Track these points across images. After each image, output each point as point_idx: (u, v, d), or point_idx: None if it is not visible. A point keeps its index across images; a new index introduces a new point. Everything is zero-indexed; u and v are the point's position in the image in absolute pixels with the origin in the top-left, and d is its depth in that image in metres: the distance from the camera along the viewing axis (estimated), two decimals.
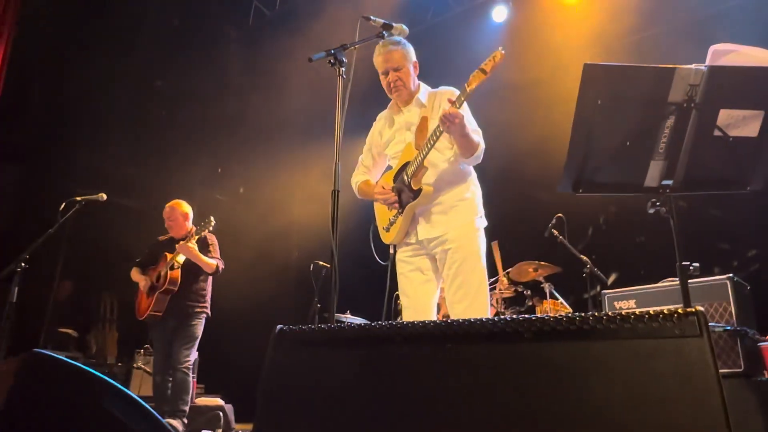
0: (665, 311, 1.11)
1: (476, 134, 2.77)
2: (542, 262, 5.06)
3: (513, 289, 5.04)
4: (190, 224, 4.88)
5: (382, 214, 3.08)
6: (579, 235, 6.08)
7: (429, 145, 2.73)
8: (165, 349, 4.51)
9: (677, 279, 2.09)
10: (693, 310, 1.09)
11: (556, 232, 4.81)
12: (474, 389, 1.17)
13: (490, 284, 5.08)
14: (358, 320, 5.64)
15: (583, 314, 1.16)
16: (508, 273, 5.17)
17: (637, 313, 1.12)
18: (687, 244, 2.10)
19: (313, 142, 7.03)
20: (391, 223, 2.98)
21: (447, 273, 2.79)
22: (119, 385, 1.73)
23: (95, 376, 1.74)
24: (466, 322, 1.23)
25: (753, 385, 3.13)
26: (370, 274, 7.03)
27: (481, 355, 1.20)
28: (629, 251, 5.85)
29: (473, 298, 2.71)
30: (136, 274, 4.77)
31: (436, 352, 1.23)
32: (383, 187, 2.98)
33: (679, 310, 1.10)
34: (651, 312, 1.12)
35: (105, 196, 4.47)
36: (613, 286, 5.47)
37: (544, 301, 4.99)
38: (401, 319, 4.79)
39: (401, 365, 1.25)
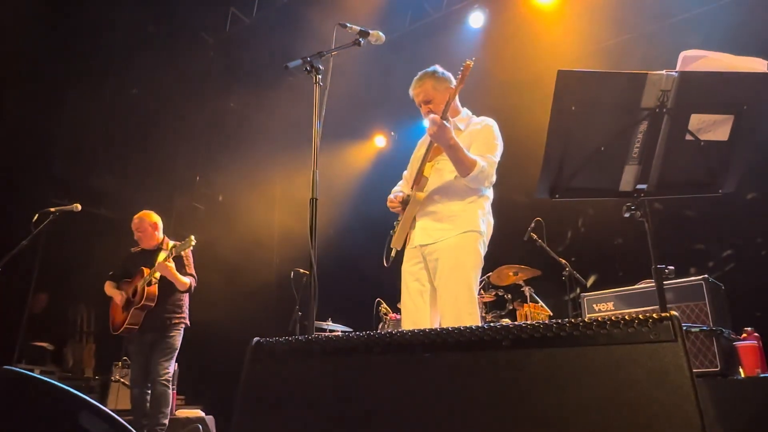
0: (640, 317, 1.12)
1: (480, 156, 2.83)
2: (522, 266, 5.10)
3: (494, 293, 5.06)
4: (160, 234, 4.80)
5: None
6: (558, 239, 6.14)
7: (428, 155, 2.89)
8: (143, 361, 4.41)
9: (653, 282, 2.12)
10: (668, 315, 1.10)
11: (535, 236, 4.86)
12: (452, 397, 1.17)
13: None
14: (340, 327, 5.62)
15: (559, 321, 1.16)
16: (488, 276, 5.20)
17: (612, 318, 1.13)
18: (663, 245, 2.13)
19: (293, 148, 7.01)
20: (394, 228, 3.11)
21: (437, 283, 2.83)
22: (94, 402, 1.70)
23: (69, 393, 1.69)
24: (444, 330, 1.23)
25: (729, 384, 3.18)
26: (352, 281, 7.04)
27: (460, 363, 1.19)
28: (607, 253, 5.91)
29: (460, 311, 2.70)
30: (110, 289, 4.65)
31: (414, 362, 1.22)
32: (395, 196, 3.12)
33: (654, 316, 1.11)
34: (626, 317, 1.13)
35: (80, 207, 4.39)
36: (593, 287, 5.53)
37: (525, 304, 5.02)
38: (383, 325, 4.79)
39: (380, 375, 1.24)
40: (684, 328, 3.35)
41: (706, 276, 3.47)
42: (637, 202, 2.05)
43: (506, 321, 5.03)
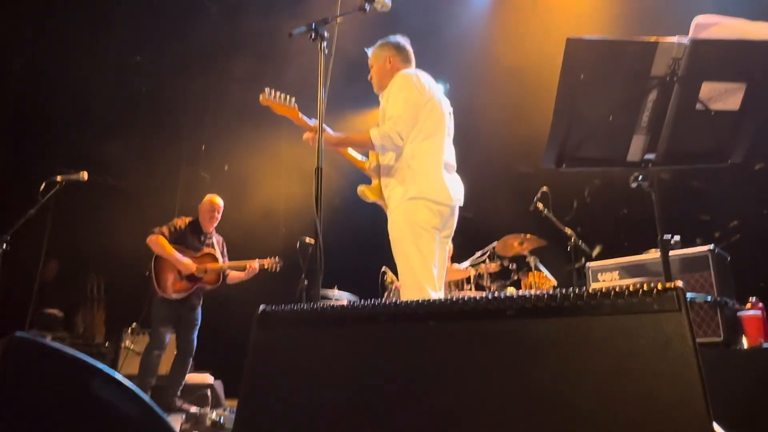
0: (644, 287, 1.11)
1: (384, 127, 2.84)
2: (528, 236, 5.09)
3: (498, 262, 5.07)
4: None
5: None
6: (564, 208, 6.12)
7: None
8: (170, 329, 4.74)
9: (658, 252, 2.11)
10: (672, 285, 1.10)
11: (541, 206, 4.83)
12: (456, 366, 1.18)
13: (477, 257, 5.12)
14: (346, 295, 5.66)
15: (563, 291, 1.16)
16: (493, 248, 5.20)
17: (617, 289, 1.13)
18: (669, 215, 2.11)
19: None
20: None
21: None
22: (107, 368, 1.72)
23: (81, 360, 1.71)
24: (449, 300, 1.23)
25: (732, 354, 3.20)
26: (358, 250, 7.06)
27: (464, 333, 1.20)
28: (613, 223, 5.91)
29: (404, 284, 2.77)
30: (167, 248, 4.70)
31: (418, 330, 1.23)
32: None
33: (659, 286, 1.11)
34: (630, 288, 1.12)
35: (86, 175, 4.39)
36: (598, 257, 5.54)
37: (530, 273, 5.03)
38: (389, 293, 4.82)
39: (384, 343, 1.25)
40: (688, 298, 3.37)
41: (711, 247, 3.46)
42: (644, 173, 2.03)
43: (511, 290, 5.06)
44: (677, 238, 1.99)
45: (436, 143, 2.91)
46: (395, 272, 5.12)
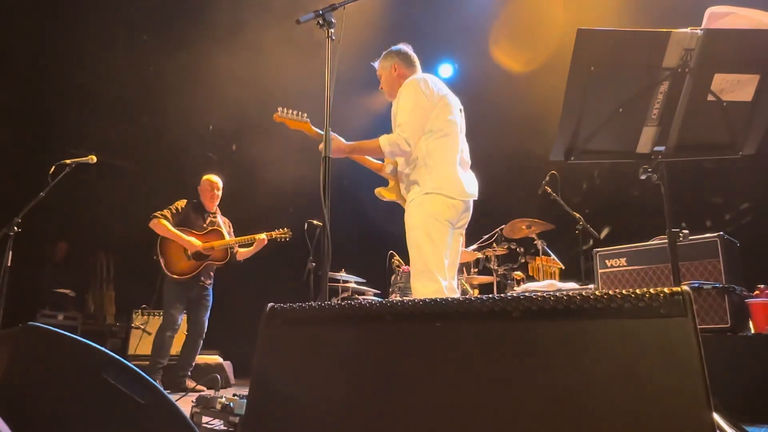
0: (651, 291, 1.11)
1: (393, 134, 2.95)
2: (535, 219, 5.09)
3: (506, 246, 5.08)
4: None
5: None
6: (573, 190, 6.09)
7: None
8: (182, 310, 4.79)
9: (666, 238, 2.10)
10: (679, 290, 1.10)
11: (549, 190, 4.81)
12: (463, 366, 1.19)
13: (485, 240, 5.12)
14: (353, 278, 5.69)
15: (570, 293, 1.17)
16: (502, 229, 5.19)
17: (624, 292, 1.13)
18: (679, 196, 2.10)
19: (306, 96, 6.91)
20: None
21: None
22: (117, 356, 1.75)
23: (92, 347, 1.74)
24: (455, 300, 1.24)
25: (739, 340, 3.20)
26: (365, 232, 7.07)
27: (470, 333, 1.21)
28: (622, 205, 5.88)
29: (414, 273, 2.87)
30: (170, 229, 4.76)
31: (425, 330, 1.24)
32: None
33: (666, 290, 1.11)
34: (638, 291, 1.12)
35: (95, 159, 4.41)
36: (606, 241, 5.53)
37: (537, 257, 5.03)
38: (396, 277, 4.85)
39: (391, 343, 1.27)
40: (696, 285, 3.37)
41: (721, 233, 3.45)
42: (654, 165, 2.01)
43: (519, 274, 5.07)
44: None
45: (450, 141, 3.01)
46: (402, 256, 5.17)
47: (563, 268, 5.04)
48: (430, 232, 2.83)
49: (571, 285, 4.21)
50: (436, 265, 2.80)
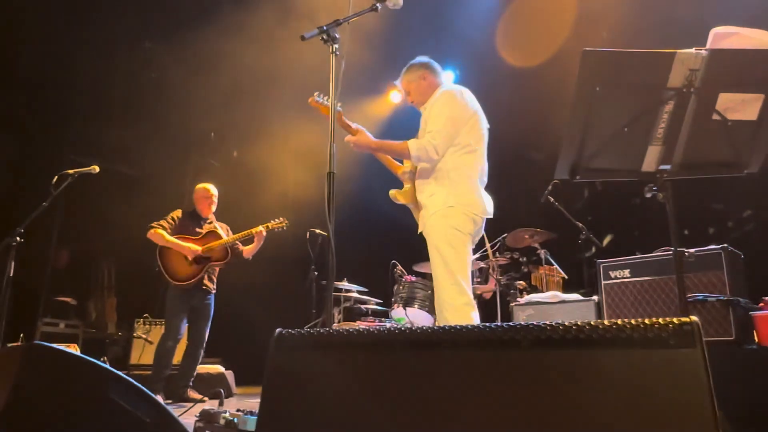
0: (660, 321, 1.12)
1: (423, 140, 2.98)
2: (538, 229, 5.10)
3: (508, 255, 5.08)
4: None
5: None
6: (575, 197, 6.10)
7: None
8: (184, 318, 4.78)
9: (671, 249, 2.10)
10: (688, 320, 1.10)
11: (551, 199, 4.82)
12: (469, 395, 1.20)
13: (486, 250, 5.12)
14: (355, 287, 5.70)
15: (579, 323, 1.18)
16: (504, 238, 5.20)
17: (633, 322, 1.13)
18: (683, 206, 2.10)
19: (307, 103, 6.91)
20: None
21: None
22: (122, 374, 1.76)
23: (98, 366, 1.75)
24: (464, 328, 1.25)
25: (743, 353, 3.20)
26: (367, 240, 7.07)
27: (479, 362, 1.22)
28: (625, 212, 5.89)
29: (439, 289, 2.89)
30: (167, 238, 4.77)
31: (434, 358, 1.25)
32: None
33: (675, 320, 1.11)
34: (647, 321, 1.13)
35: (98, 169, 4.42)
36: (609, 248, 5.53)
37: (540, 267, 5.04)
38: (398, 287, 4.85)
39: (400, 370, 1.27)
40: (700, 298, 3.37)
41: (725, 245, 3.45)
42: (659, 183, 2.02)
43: (522, 284, 5.08)
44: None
45: (476, 158, 3.08)
46: (405, 265, 5.18)
47: (566, 278, 5.05)
48: (454, 244, 2.88)
49: (575, 296, 4.22)
50: (463, 274, 2.86)
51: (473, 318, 2.82)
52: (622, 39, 5.51)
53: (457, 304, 2.78)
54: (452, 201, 2.94)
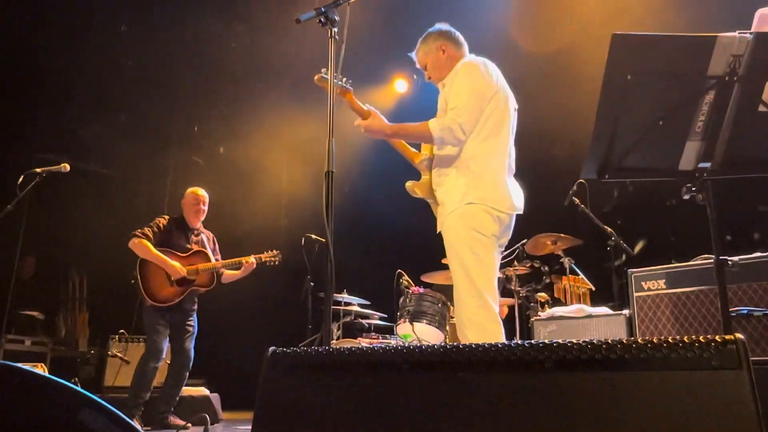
0: (701, 339, 1.12)
1: (439, 117, 2.89)
2: (561, 234, 5.08)
3: (528, 264, 5.08)
4: None
5: None
6: (603, 198, 6.08)
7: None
8: (165, 338, 4.75)
9: (712, 257, 2.09)
10: (732, 338, 1.10)
11: (577, 201, 4.80)
12: (486, 424, 1.19)
13: (505, 258, 5.12)
14: (356, 300, 5.70)
15: (610, 341, 1.17)
16: (523, 244, 5.20)
17: (670, 341, 1.13)
18: (725, 207, 2.09)
19: (302, 92, 6.94)
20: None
21: None
22: (94, 396, 1.76)
23: (67, 387, 1.75)
24: (480, 347, 1.25)
25: None
26: (370, 248, 7.07)
27: (496, 386, 1.21)
28: (660, 217, 5.87)
29: (459, 295, 2.80)
30: (152, 251, 4.73)
31: (445, 382, 1.25)
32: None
33: (717, 339, 1.11)
34: (686, 340, 1.13)
35: (68, 167, 4.43)
36: (640, 256, 5.51)
37: (564, 277, 5.03)
38: (404, 299, 4.85)
39: (406, 394, 1.27)
40: (745, 312, 3.36)
41: None
42: (698, 183, 2.02)
43: (543, 296, 5.07)
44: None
45: (500, 143, 2.93)
46: (411, 275, 5.18)
47: (593, 289, 5.04)
48: (475, 249, 2.76)
49: (603, 310, 4.21)
50: (487, 287, 2.73)
51: (499, 338, 2.68)
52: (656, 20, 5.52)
53: (478, 320, 2.67)
54: (471, 197, 2.81)
